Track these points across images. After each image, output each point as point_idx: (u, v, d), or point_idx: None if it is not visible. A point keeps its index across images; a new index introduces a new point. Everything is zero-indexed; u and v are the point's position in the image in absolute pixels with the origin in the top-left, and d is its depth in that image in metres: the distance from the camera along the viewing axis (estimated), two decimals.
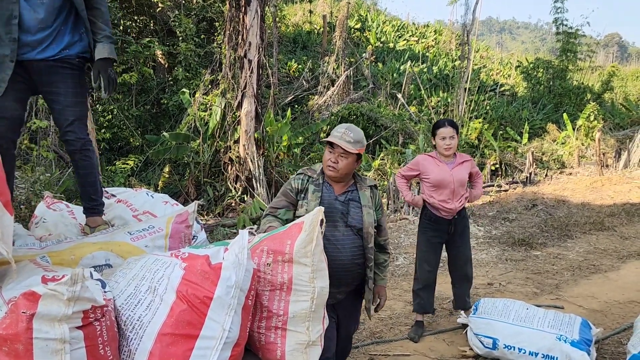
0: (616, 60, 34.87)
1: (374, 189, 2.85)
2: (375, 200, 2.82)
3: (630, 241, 6.60)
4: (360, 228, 2.69)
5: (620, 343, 3.91)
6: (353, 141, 2.63)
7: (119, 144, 10.79)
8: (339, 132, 2.66)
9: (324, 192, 2.70)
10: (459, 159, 3.97)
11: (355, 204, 2.73)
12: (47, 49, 2.41)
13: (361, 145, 2.67)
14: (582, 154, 13.23)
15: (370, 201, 2.76)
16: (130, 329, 1.74)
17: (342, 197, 2.72)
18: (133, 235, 2.37)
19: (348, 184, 2.77)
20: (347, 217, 2.69)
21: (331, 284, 2.43)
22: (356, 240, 2.70)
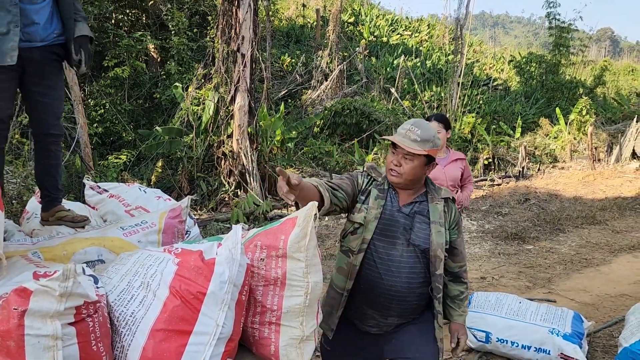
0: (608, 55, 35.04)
1: (450, 202, 2.33)
2: (450, 216, 2.30)
3: (621, 235, 6.66)
4: (426, 249, 2.21)
5: (612, 336, 3.95)
6: (420, 140, 2.16)
7: (111, 139, 10.72)
8: (403, 129, 2.23)
9: (387, 201, 2.27)
10: (451, 156, 3.96)
11: (422, 218, 2.25)
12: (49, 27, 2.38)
13: (432, 145, 2.19)
14: (575, 148, 13.31)
15: (442, 217, 2.26)
16: (123, 325, 1.73)
17: (407, 209, 2.26)
18: (126, 230, 2.35)
19: (416, 193, 2.30)
20: (409, 233, 2.22)
21: (376, 310, 2.26)
22: (417, 263, 2.22)
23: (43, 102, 2.43)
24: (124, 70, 10.51)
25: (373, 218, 2.22)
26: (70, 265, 1.55)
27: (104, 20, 11.26)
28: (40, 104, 2.44)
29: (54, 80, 2.45)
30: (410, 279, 2.20)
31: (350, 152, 12.27)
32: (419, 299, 2.26)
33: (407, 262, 2.20)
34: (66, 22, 2.46)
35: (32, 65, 2.34)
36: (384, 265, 2.20)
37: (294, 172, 10.61)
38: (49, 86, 2.43)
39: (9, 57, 2.20)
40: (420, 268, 2.22)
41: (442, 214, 2.25)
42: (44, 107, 2.45)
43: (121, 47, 10.58)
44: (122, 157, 9.09)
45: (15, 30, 2.22)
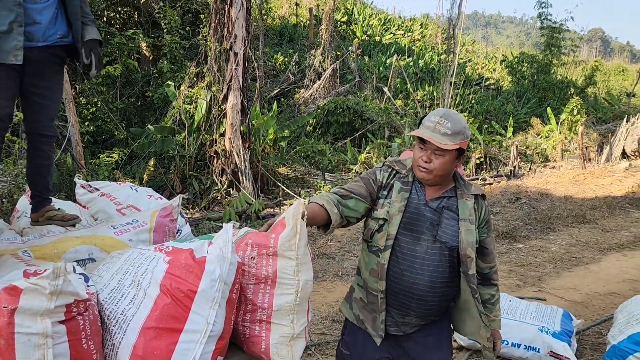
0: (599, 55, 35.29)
1: (481, 199, 2.18)
2: (480, 214, 2.16)
3: (611, 234, 6.72)
4: (454, 247, 2.08)
5: (601, 334, 3.99)
6: (451, 133, 2.01)
7: (103, 137, 10.67)
8: (431, 122, 2.05)
9: (412, 194, 2.15)
10: None
11: (450, 214, 2.12)
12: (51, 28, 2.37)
13: (463, 137, 2.04)
14: (566, 147, 13.40)
15: (472, 214, 2.11)
16: (114, 323, 1.74)
17: (435, 204, 2.13)
18: (117, 229, 2.35)
19: (445, 187, 2.17)
20: (436, 229, 2.10)
21: (395, 308, 2.15)
22: (443, 262, 2.10)
23: (39, 102, 2.42)
24: (116, 68, 10.47)
25: (397, 211, 2.11)
26: (61, 264, 1.56)
27: (95, 18, 11.18)
28: (36, 104, 2.43)
29: (53, 81, 2.45)
30: (434, 277, 2.08)
31: (343, 151, 12.29)
32: (440, 299, 2.13)
33: (432, 260, 2.08)
34: (74, 24, 2.45)
35: (32, 65, 2.32)
36: (407, 261, 2.10)
37: (287, 171, 10.61)
38: (47, 87, 2.42)
39: (13, 56, 2.19)
40: (445, 267, 2.10)
41: (472, 211, 2.11)
42: (39, 107, 2.43)
43: (113, 45, 10.54)
44: (114, 155, 9.05)
45: (19, 29, 2.21)
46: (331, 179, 10.46)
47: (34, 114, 2.45)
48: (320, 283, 5.04)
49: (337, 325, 4.17)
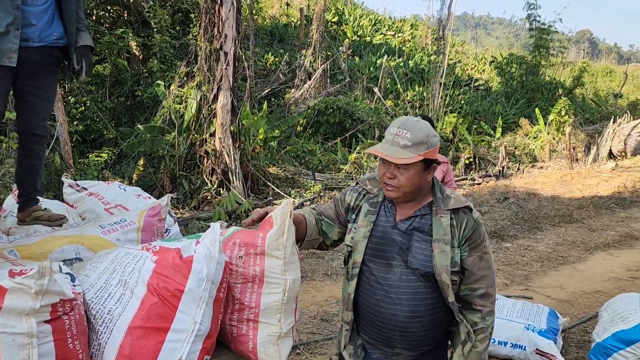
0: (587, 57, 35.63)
1: (462, 213, 1.90)
2: (460, 230, 1.89)
3: (597, 233, 6.80)
4: (428, 273, 1.87)
5: (586, 332, 4.04)
6: (412, 144, 1.82)
7: (92, 137, 10.60)
8: (390, 134, 1.87)
9: (380, 216, 1.97)
10: None
11: (421, 236, 1.90)
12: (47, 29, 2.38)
13: (427, 146, 1.84)
14: (553, 148, 13.53)
15: (448, 233, 1.87)
16: (100, 323, 1.74)
17: (404, 225, 1.92)
18: (104, 228, 2.35)
19: (420, 204, 1.94)
20: (406, 254, 1.89)
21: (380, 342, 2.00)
22: (421, 288, 1.89)
23: (33, 102, 2.43)
24: (105, 67, 10.41)
25: (362, 237, 1.95)
26: (46, 263, 1.56)
27: (85, 16, 11.12)
28: (29, 104, 2.43)
29: (46, 82, 2.46)
30: (413, 306, 1.89)
31: (333, 151, 12.32)
32: (428, 329, 1.93)
33: (408, 287, 1.89)
34: (68, 28, 2.48)
35: (27, 65, 2.33)
36: (382, 291, 1.92)
37: (277, 171, 10.61)
38: (41, 87, 2.43)
39: (7, 58, 2.20)
40: (425, 294, 1.89)
41: (447, 229, 1.86)
42: (32, 107, 2.44)
43: (102, 44, 10.47)
44: (103, 155, 9.00)
45: (16, 32, 2.23)
46: (321, 179, 10.48)
47: (27, 113, 2.46)
48: (309, 282, 5.06)
49: (326, 324, 4.19)
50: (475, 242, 1.90)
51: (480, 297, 1.91)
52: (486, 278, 1.91)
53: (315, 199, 8.82)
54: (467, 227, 1.89)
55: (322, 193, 9.33)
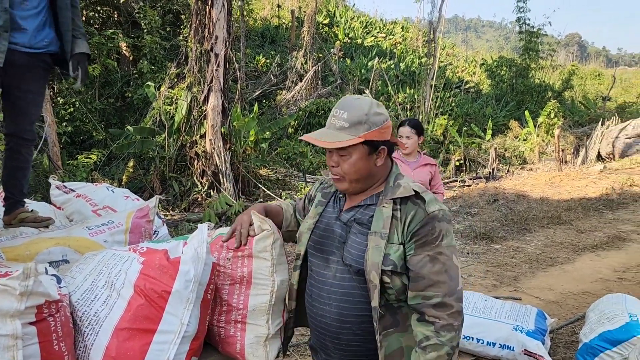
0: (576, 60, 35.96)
1: (411, 203, 1.61)
2: (404, 224, 1.59)
3: (585, 234, 6.86)
4: (360, 270, 1.61)
5: (574, 332, 4.07)
6: (349, 125, 1.59)
7: (81, 138, 10.53)
8: (330, 117, 1.67)
9: (328, 207, 1.80)
10: (422, 160, 4.00)
11: (359, 228, 1.65)
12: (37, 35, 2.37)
13: (368, 126, 1.59)
14: (543, 150, 13.64)
15: (387, 225, 1.59)
16: (87, 324, 1.73)
17: (347, 216, 1.71)
18: (92, 230, 2.33)
19: (370, 193, 1.71)
20: (343, 248, 1.67)
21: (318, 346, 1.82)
22: (354, 289, 1.63)
23: (20, 104, 2.42)
24: (95, 68, 10.35)
25: (306, 229, 1.80)
26: (31, 264, 1.55)
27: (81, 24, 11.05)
28: (17, 106, 2.42)
29: (35, 86, 2.45)
30: (343, 309, 1.65)
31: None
32: (360, 338, 1.65)
33: (341, 287, 1.65)
34: (64, 35, 2.47)
35: (15, 68, 2.32)
36: (316, 289, 1.73)
37: (268, 173, 10.60)
38: (29, 90, 2.42)
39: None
40: (358, 296, 1.62)
41: (387, 220, 1.59)
42: (20, 109, 2.43)
43: (91, 44, 10.40)
44: (93, 156, 8.94)
45: (5, 35, 2.23)
46: (312, 181, 10.48)
47: (15, 116, 2.45)
48: None
49: None
50: (423, 238, 1.56)
51: (434, 307, 1.54)
52: (442, 285, 1.54)
53: None
54: (414, 220, 1.57)
55: None
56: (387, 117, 1.65)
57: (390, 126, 1.67)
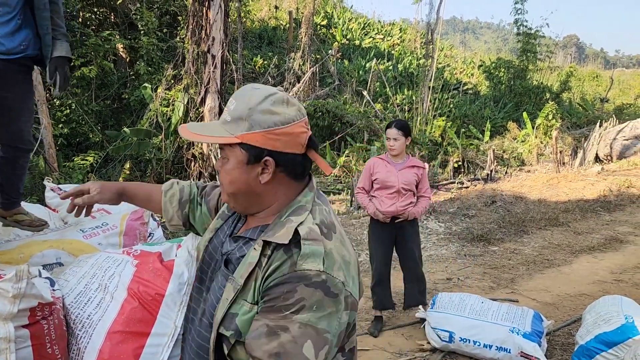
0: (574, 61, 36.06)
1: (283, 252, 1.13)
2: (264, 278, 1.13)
3: (582, 236, 6.86)
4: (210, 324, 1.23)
5: (570, 334, 4.07)
6: (231, 119, 1.20)
7: (77, 140, 10.51)
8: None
9: (226, 224, 1.37)
10: (409, 162, 4.03)
11: (225, 269, 1.24)
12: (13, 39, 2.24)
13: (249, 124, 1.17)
14: (541, 151, 13.65)
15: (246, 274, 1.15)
16: (80, 327, 1.72)
17: (228, 246, 1.29)
18: (86, 232, 2.32)
19: (262, 221, 1.25)
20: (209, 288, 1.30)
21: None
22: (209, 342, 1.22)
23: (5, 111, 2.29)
24: (91, 69, 10.33)
25: (202, 245, 1.39)
26: (24, 267, 1.54)
27: (70, 18, 11.05)
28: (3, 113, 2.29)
29: (17, 90, 2.30)
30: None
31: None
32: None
33: (199, 335, 1.29)
34: (43, 39, 2.31)
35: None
36: (185, 330, 1.40)
37: None
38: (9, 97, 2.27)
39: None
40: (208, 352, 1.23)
41: (249, 268, 1.15)
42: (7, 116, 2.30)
43: (88, 46, 10.40)
44: (89, 158, 8.93)
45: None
46: None
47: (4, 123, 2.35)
48: None
49: None
50: (272, 301, 1.09)
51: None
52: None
53: None
54: (273, 275, 1.11)
55: None
56: (289, 120, 1.18)
57: (295, 133, 1.19)
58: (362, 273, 5.40)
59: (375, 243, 4.10)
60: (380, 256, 4.08)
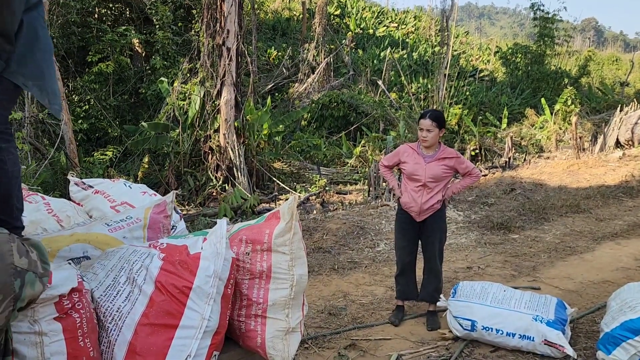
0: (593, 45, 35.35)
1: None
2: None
3: (605, 223, 6.76)
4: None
5: (595, 322, 4.02)
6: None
7: (96, 135, 10.65)
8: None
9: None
10: (440, 153, 3.90)
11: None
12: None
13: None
14: (560, 138, 13.45)
15: None
16: (110, 320, 1.75)
17: None
18: (111, 226, 2.35)
19: None
20: None
21: None
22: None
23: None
24: (108, 65, 10.43)
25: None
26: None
27: (86, 15, 11.14)
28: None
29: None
30: None
31: (338, 145, 12.30)
32: None
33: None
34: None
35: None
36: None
37: (282, 166, 10.62)
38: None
39: None
40: None
41: None
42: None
43: (105, 42, 10.49)
44: (108, 153, 9.04)
45: None
46: (327, 173, 10.47)
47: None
48: (316, 277, 5.06)
49: (334, 318, 4.20)
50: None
51: None
52: None
53: (320, 193, 8.82)
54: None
55: (328, 187, 9.33)
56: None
57: None
58: (382, 262, 5.41)
59: (400, 233, 4.08)
60: (405, 246, 4.06)
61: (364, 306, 4.46)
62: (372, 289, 4.80)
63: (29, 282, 1.36)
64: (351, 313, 4.31)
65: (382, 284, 4.93)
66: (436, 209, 3.92)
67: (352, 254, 5.76)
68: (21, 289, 1.33)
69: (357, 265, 5.39)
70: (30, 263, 1.37)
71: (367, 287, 4.84)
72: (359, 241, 6.18)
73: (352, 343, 3.80)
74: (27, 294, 1.36)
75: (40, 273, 1.41)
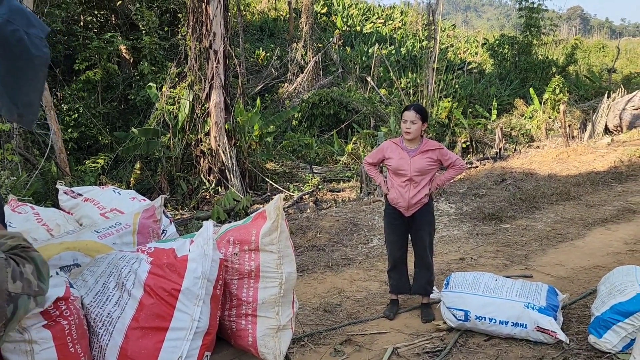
0: (579, 33, 35.53)
1: None
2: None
3: (595, 209, 6.83)
4: None
5: (586, 307, 4.08)
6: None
7: (87, 143, 10.62)
8: None
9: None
10: (423, 146, 3.92)
11: None
12: None
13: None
14: (550, 127, 13.54)
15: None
16: (100, 326, 1.77)
17: None
18: (100, 233, 2.36)
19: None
20: None
21: None
22: None
23: None
24: (96, 72, 10.41)
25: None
26: None
27: (72, 22, 11.10)
28: None
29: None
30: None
31: (330, 143, 12.33)
32: None
33: None
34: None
35: None
36: None
37: (275, 167, 10.65)
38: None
39: None
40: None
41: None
42: None
43: (91, 49, 10.46)
44: (100, 161, 9.03)
45: None
46: (319, 172, 10.50)
47: None
48: (311, 275, 5.09)
49: (329, 315, 4.23)
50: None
51: None
52: None
53: (314, 192, 8.85)
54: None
55: (321, 185, 9.36)
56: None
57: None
58: (376, 258, 5.45)
59: (389, 228, 4.11)
60: (395, 241, 4.10)
61: (359, 302, 4.49)
62: (367, 284, 4.83)
63: (23, 306, 1.35)
64: (346, 309, 4.34)
65: (376, 279, 4.97)
66: (424, 202, 3.95)
67: (345, 251, 5.79)
68: (13, 314, 1.32)
69: (351, 262, 5.42)
70: (24, 285, 1.35)
71: (361, 283, 4.87)
72: (353, 238, 6.21)
73: (348, 338, 3.83)
74: (19, 317, 1.36)
75: (34, 292, 1.39)
